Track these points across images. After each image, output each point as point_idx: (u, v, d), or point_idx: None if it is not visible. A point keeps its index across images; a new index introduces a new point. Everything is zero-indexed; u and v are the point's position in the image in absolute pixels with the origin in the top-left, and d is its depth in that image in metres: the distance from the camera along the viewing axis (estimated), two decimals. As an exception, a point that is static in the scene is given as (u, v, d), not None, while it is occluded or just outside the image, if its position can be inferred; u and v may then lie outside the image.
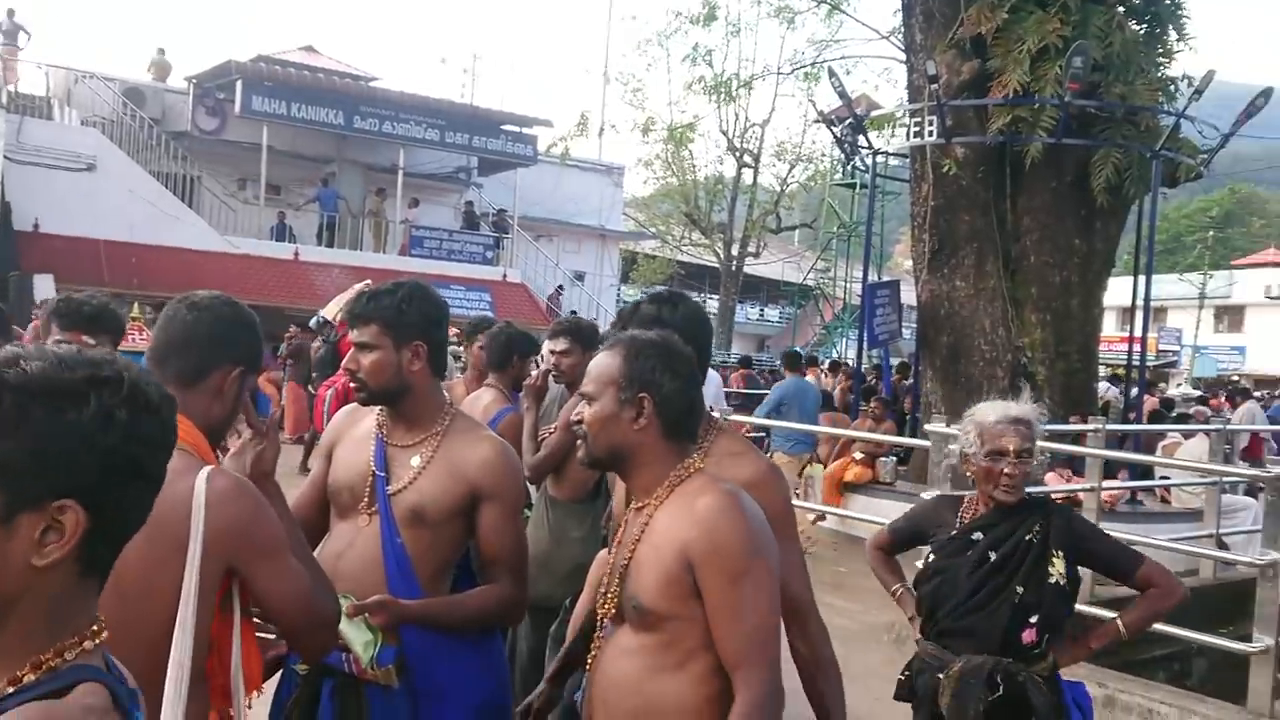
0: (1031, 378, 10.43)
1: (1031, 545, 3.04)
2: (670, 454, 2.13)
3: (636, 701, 2.06)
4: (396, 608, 2.41)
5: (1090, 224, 10.62)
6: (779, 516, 2.32)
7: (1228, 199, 64.99)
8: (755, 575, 1.99)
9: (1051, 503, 3.24)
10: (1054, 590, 3.04)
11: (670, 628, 2.04)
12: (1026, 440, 3.08)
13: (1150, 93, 10.36)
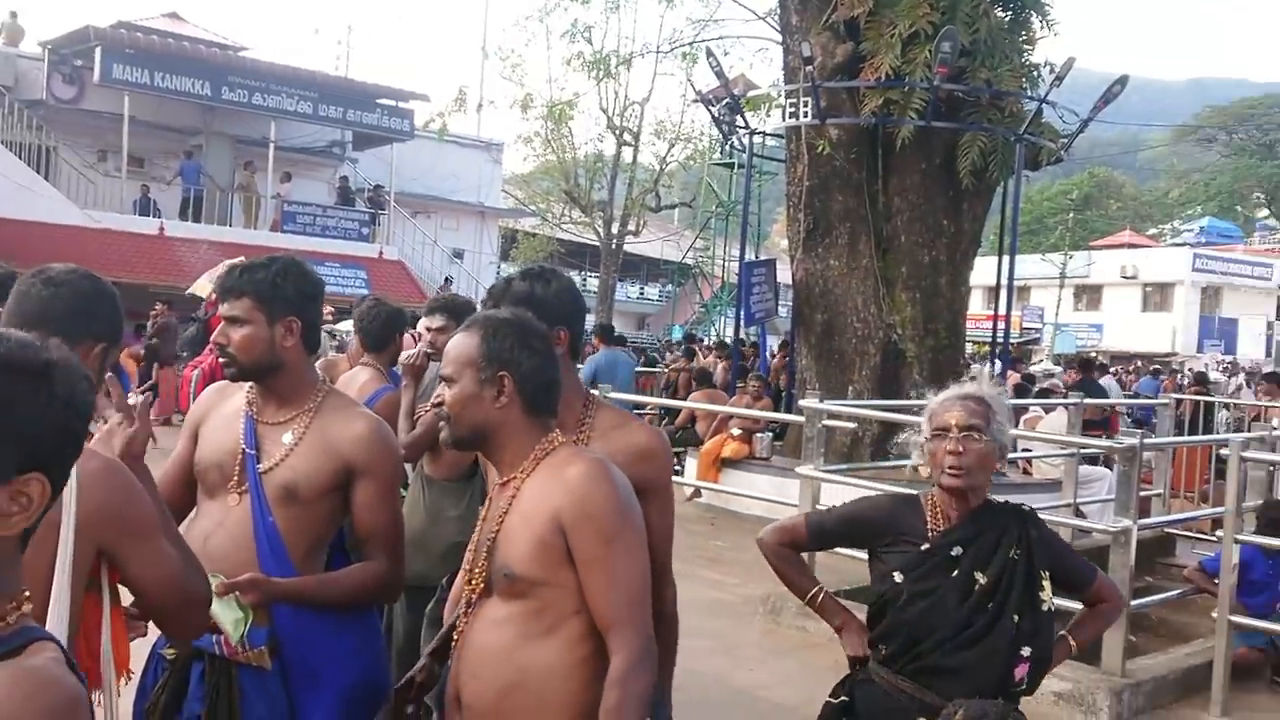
0: (902, 354, 10.75)
1: (1017, 564, 2.62)
2: (533, 429, 2.17)
3: (508, 670, 2.09)
4: (267, 585, 2.38)
5: (958, 205, 10.94)
6: (665, 483, 2.44)
7: (1087, 182, 67.56)
8: (626, 539, 2.06)
9: (1022, 509, 2.75)
10: (1048, 618, 2.64)
11: (541, 595, 2.08)
12: (975, 416, 2.62)
13: (1014, 78, 10.70)
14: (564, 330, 2.47)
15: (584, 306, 2.63)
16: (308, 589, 2.46)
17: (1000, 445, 2.65)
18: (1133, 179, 79.27)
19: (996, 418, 2.64)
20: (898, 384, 10.70)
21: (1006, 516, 2.69)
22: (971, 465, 2.59)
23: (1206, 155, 79.25)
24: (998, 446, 2.63)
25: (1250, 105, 76.47)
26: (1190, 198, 74.87)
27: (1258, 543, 5.78)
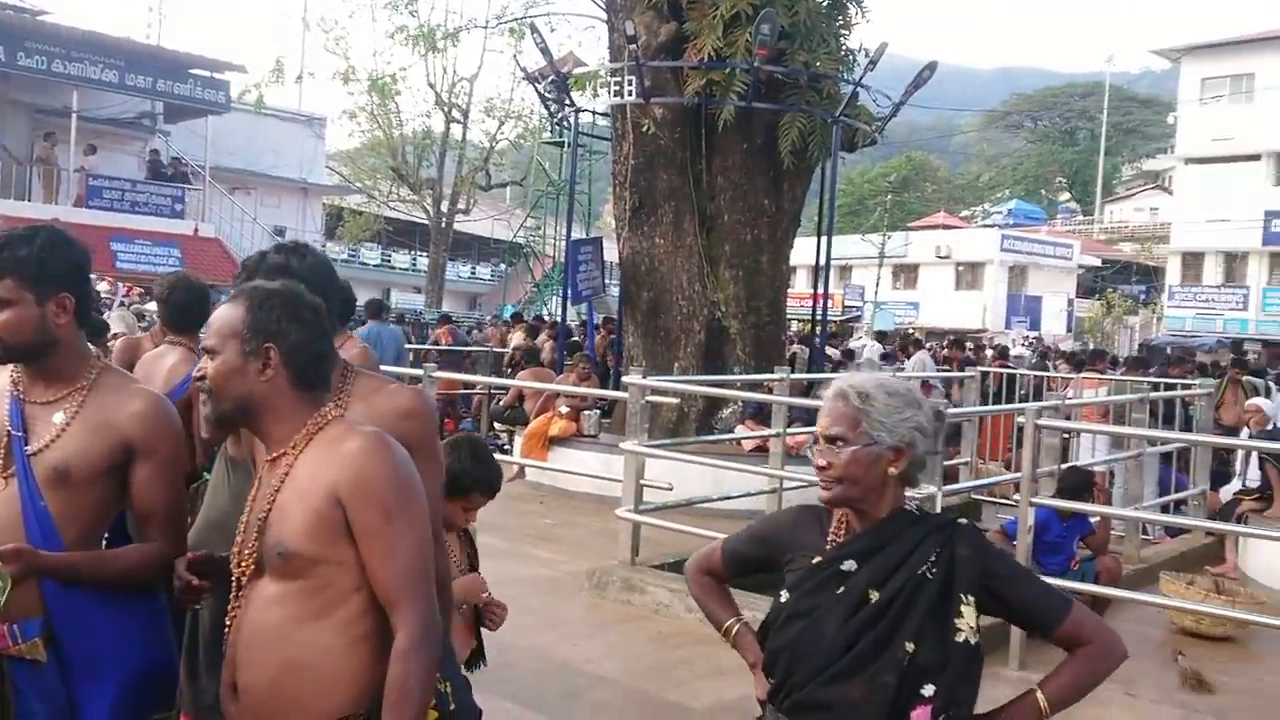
0: (726, 331, 10.95)
1: (926, 583, 2.16)
2: (303, 403, 2.12)
3: (284, 651, 2.03)
4: (33, 556, 2.24)
5: (779, 185, 11.19)
6: (430, 444, 2.43)
7: (905, 165, 70.20)
8: (408, 511, 2.04)
9: (952, 521, 2.28)
10: (962, 652, 2.15)
11: (318, 572, 2.03)
12: (839, 421, 2.22)
13: (832, 62, 10.99)
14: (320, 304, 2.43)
15: (339, 282, 2.59)
16: (78, 564, 2.33)
17: (885, 444, 2.19)
18: (947, 163, 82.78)
19: (872, 414, 2.18)
20: (722, 360, 10.91)
21: (925, 528, 2.21)
22: (840, 475, 2.19)
23: (1014, 141, 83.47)
24: (880, 448, 2.18)
25: (1054, 94, 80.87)
26: (999, 181, 78.72)
27: (1051, 505, 6.13)
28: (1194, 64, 41.38)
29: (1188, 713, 5.37)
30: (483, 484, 3.28)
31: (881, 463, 2.19)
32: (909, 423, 2.21)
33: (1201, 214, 39.40)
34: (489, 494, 3.32)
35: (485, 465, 3.28)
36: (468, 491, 3.24)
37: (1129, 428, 8.45)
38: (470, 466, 3.22)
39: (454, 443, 3.26)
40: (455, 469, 3.14)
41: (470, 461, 3.22)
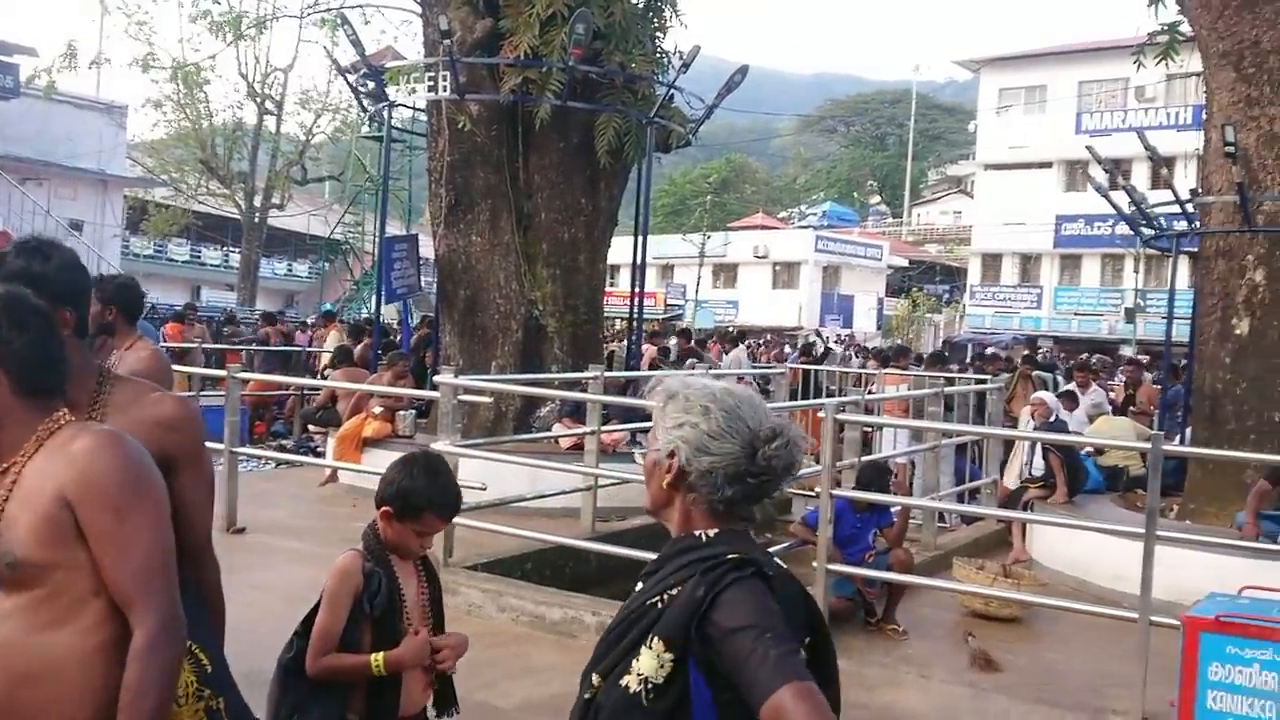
0: (543, 330, 10.95)
1: (645, 615, 1.90)
2: (31, 411, 2.02)
3: (19, 663, 1.94)
4: None
5: (595, 184, 11.25)
6: (195, 453, 2.38)
7: (725, 167, 71.75)
8: (140, 510, 1.98)
9: (721, 559, 1.87)
10: (619, 700, 1.85)
11: (52, 579, 1.95)
12: (654, 425, 2.06)
13: (647, 63, 11.13)
14: (68, 309, 2.32)
15: (88, 282, 2.48)
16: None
17: (661, 451, 1.98)
18: (765, 165, 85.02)
19: (660, 420, 2.01)
20: (540, 358, 10.90)
21: (692, 557, 1.91)
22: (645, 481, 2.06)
23: (829, 145, 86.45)
24: (659, 455, 1.99)
25: (865, 100, 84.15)
26: (815, 184, 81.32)
27: (850, 496, 6.37)
28: (992, 75, 43.75)
29: (976, 691, 5.66)
30: (436, 504, 2.94)
31: (659, 471, 1.97)
32: (678, 431, 1.94)
33: (1000, 217, 41.68)
34: (444, 515, 3.01)
35: (439, 483, 2.96)
36: (419, 512, 2.92)
37: (925, 421, 8.85)
38: (423, 484, 2.91)
39: (408, 459, 3.00)
40: (406, 487, 2.90)
41: (423, 479, 2.92)
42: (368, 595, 2.89)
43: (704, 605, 1.79)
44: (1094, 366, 16.74)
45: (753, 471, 1.90)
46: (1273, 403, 8.18)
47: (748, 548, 1.90)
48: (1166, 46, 10.34)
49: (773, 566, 1.89)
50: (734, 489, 1.90)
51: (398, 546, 2.96)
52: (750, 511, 1.97)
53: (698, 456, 1.90)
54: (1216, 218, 8.78)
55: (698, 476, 1.91)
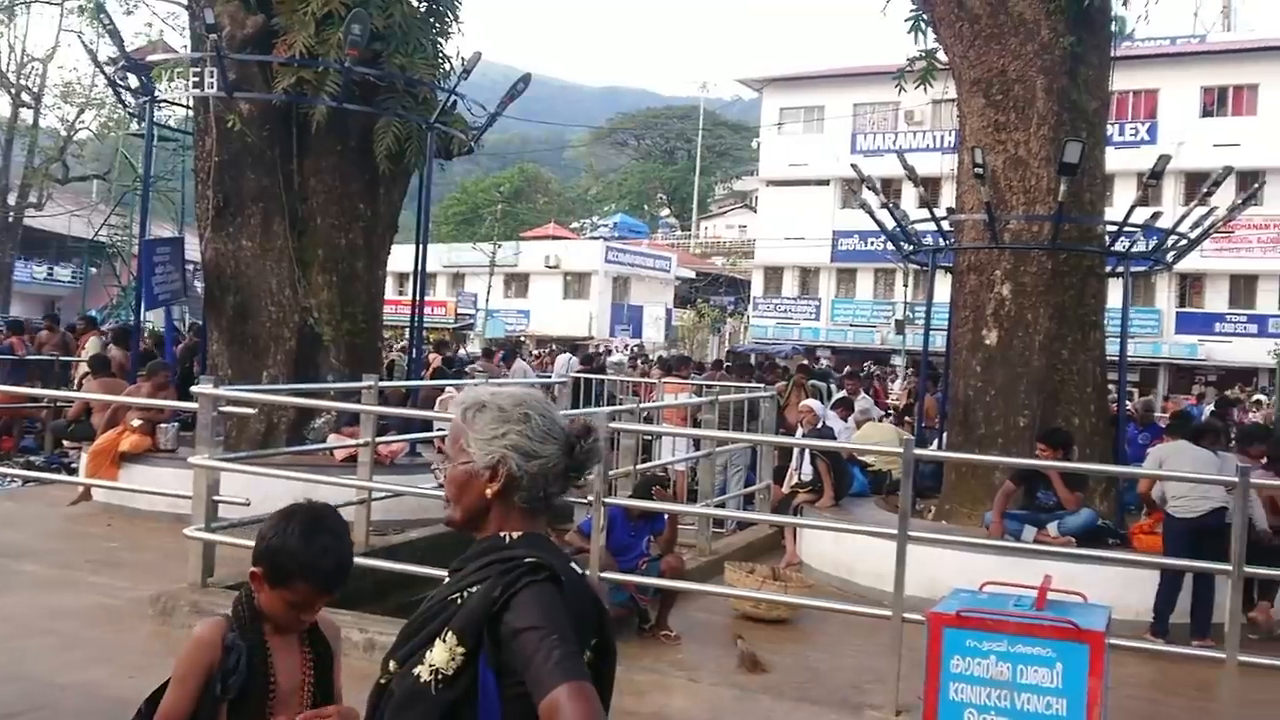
0: (319, 338, 10.58)
1: (445, 609, 1.95)
2: None
3: None
4: None
5: (374, 189, 10.97)
6: None
7: (517, 177, 71.66)
8: None
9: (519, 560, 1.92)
10: (410, 689, 1.90)
11: None
12: (451, 438, 2.07)
13: (428, 68, 10.94)
14: None
15: None
16: None
17: (480, 463, 1.99)
18: (558, 176, 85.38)
19: (472, 431, 2.01)
20: (315, 368, 10.53)
21: (495, 557, 1.95)
22: (448, 495, 2.05)
23: (620, 158, 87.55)
24: (475, 466, 1.99)
25: (655, 115, 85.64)
26: (606, 195, 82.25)
27: (623, 505, 6.41)
28: (774, 95, 45.34)
29: (743, 692, 5.79)
30: (309, 571, 2.37)
31: (478, 483, 1.99)
32: (503, 440, 1.98)
33: (781, 232, 43.20)
34: (321, 586, 2.40)
35: (317, 545, 2.38)
36: (288, 579, 2.38)
37: (701, 429, 9.03)
38: (296, 545, 2.36)
39: (289, 511, 2.44)
40: (276, 546, 2.38)
41: (297, 538, 2.37)
42: (222, 673, 2.39)
43: (498, 605, 1.85)
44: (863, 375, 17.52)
45: (572, 468, 2.03)
46: (1018, 409, 8.74)
47: (546, 552, 1.96)
48: (925, 72, 10.93)
49: (567, 571, 1.94)
50: (556, 486, 2.02)
51: (273, 617, 2.44)
52: (558, 504, 2.09)
53: (528, 461, 1.97)
54: (968, 235, 9.34)
55: (528, 480, 1.98)
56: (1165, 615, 7.14)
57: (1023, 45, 8.87)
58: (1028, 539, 7.65)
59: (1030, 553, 6.79)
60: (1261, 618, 7.48)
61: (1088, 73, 9.06)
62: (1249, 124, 37.08)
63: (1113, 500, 8.76)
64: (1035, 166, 8.82)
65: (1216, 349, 37.93)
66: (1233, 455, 8.02)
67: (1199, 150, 33.52)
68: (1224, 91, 38.43)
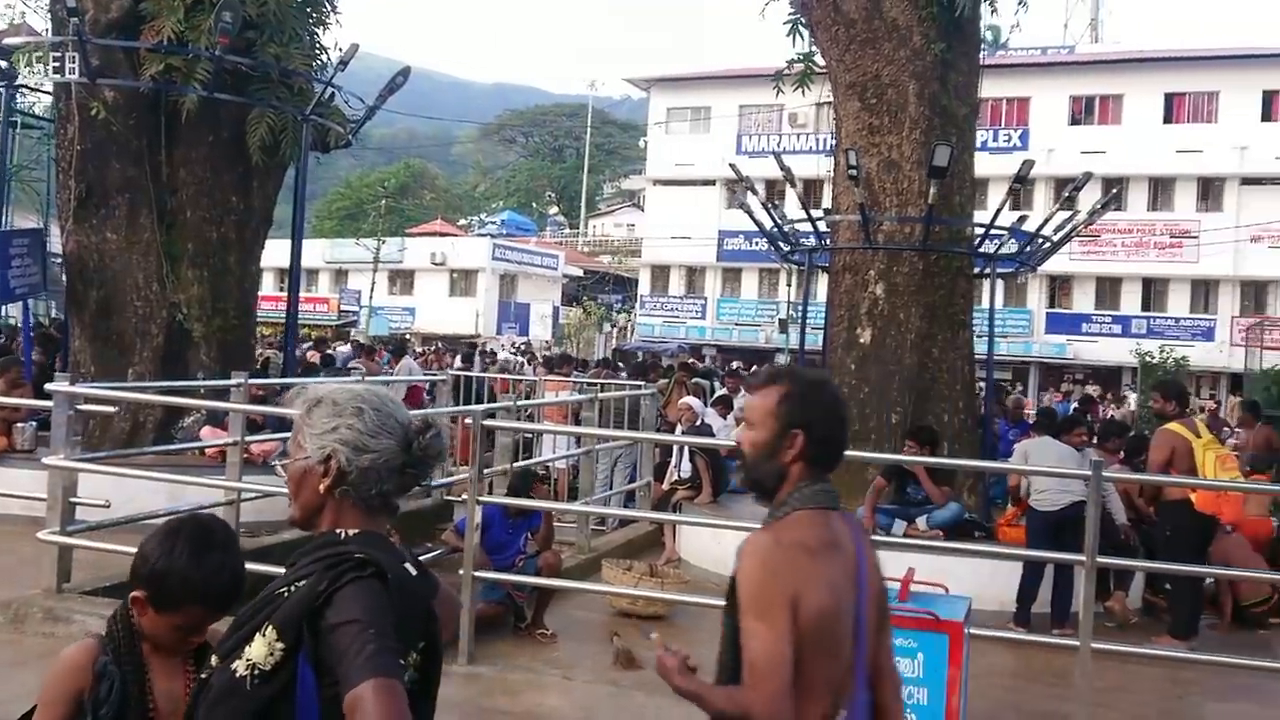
0: (188, 334, 10.27)
1: (269, 605, 1.90)
2: None
3: None
4: None
5: (248, 182, 10.70)
6: None
7: (403, 172, 70.65)
8: None
9: (344, 556, 1.89)
10: (227, 683, 1.86)
11: None
12: (293, 435, 2.07)
13: (304, 58, 10.70)
14: None
15: None
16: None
17: (314, 458, 1.98)
18: (445, 172, 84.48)
19: (307, 427, 1.99)
20: (184, 365, 10.21)
21: (322, 552, 1.93)
22: (290, 492, 2.03)
23: (508, 155, 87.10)
24: (310, 462, 1.98)
25: (543, 112, 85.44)
26: (494, 192, 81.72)
27: (497, 503, 6.37)
28: (661, 95, 45.60)
29: (617, 689, 5.80)
30: (202, 594, 2.19)
31: (312, 478, 1.97)
32: (333, 435, 1.96)
33: (668, 231, 43.46)
34: (214, 607, 2.24)
35: (209, 563, 2.20)
36: (178, 604, 2.18)
37: (582, 427, 9.03)
38: (184, 565, 2.18)
39: (172, 529, 2.25)
40: (163, 568, 2.18)
41: (186, 558, 2.18)
42: (92, 702, 2.19)
43: (319, 599, 1.82)
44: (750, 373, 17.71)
45: (410, 463, 2.00)
46: (890, 406, 8.95)
47: (378, 549, 1.92)
48: (803, 75, 11.12)
49: (397, 570, 1.91)
50: (392, 482, 1.99)
51: (155, 639, 2.25)
52: (397, 504, 2.04)
53: (358, 456, 1.95)
54: (843, 235, 9.53)
55: (358, 475, 1.95)
56: (1027, 605, 7.39)
57: (896, 50, 9.08)
58: (897, 533, 7.84)
59: (900, 546, 6.95)
60: (1117, 606, 7.79)
61: (958, 79, 9.32)
62: (1114, 132, 38.65)
63: (979, 494, 9.03)
64: (907, 169, 9.04)
65: (1084, 348, 39.46)
66: (1093, 450, 8.34)
67: (1068, 157, 34.84)
68: (1091, 101, 40.00)
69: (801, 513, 2.35)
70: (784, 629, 2.19)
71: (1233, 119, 37.63)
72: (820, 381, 2.50)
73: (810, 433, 2.35)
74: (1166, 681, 6.66)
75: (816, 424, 2.36)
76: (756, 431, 2.41)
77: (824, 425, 2.38)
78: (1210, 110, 38.41)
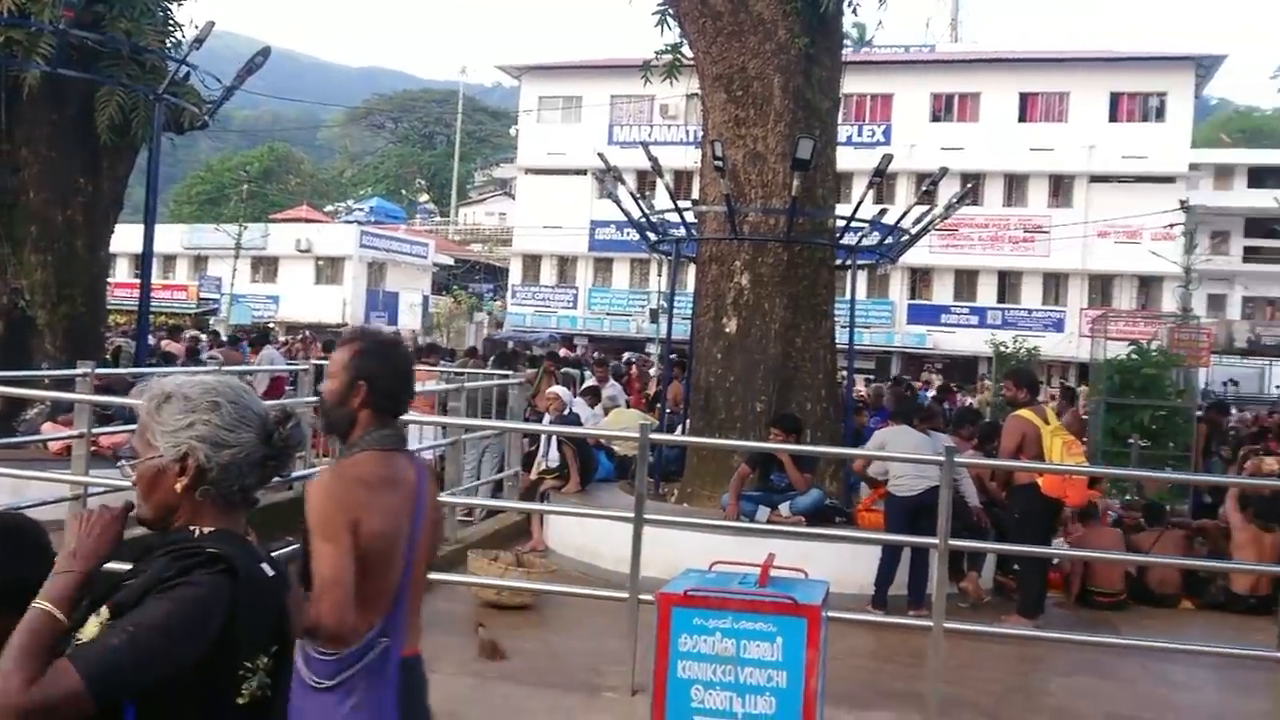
0: (31, 322, 9.82)
1: (111, 591, 1.87)
2: None
3: None
4: None
5: (97, 163, 10.28)
6: None
7: (267, 156, 68.67)
8: None
9: (198, 550, 1.85)
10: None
11: None
12: (139, 432, 1.96)
13: (156, 34, 10.31)
14: None
15: None
16: None
17: (168, 456, 1.90)
18: (311, 157, 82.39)
19: (156, 424, 1.91)
20: (28, 355, 9.75)
21: (172, 548, 1.87)
22: (139, 492, 1.94)
23: (377, 140, 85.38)
24: (164, 461, 1.90)
25: (413, 98, 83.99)
26: (362, 179, 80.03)
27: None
28: (533, 83, 45.35)
29: (481, 680, 5.77)
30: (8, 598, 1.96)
31: (167, 479, 1.90)
32: (189, 431, 1.89)
33: (540, 220, 43.30)
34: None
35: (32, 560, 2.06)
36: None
37: (448, 417, 8.92)
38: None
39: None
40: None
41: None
42: None
43: (158, 586, 1.77)
44: (627, 363, 17.77)
45: (270, 455, 1.97)
46: (755, 394, 9.08)
47: (233, 546, 1.87)
48: (671, 66, 11.17)
49: (249, 570, 1.86)
50: (253, 476, 1.95)
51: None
52: (256, 498, 2.01)
53: (218, 452, 1.89)
54: (710, 226, 9.62)
55: (219, 472, 1.90)
56: (884, 587, 7.60)
57: (761, 44, 9.20)
58: (761, 519, 7.97)
59: (764, 532, 7.07)
60: (970, 587, 8.07)
61: (821, 74, 9.49)
62: (972, 129, 40.01)
63: (841, 480, 9.24)
64: (772, 161, 9.17)
65: (943, 339, 40.80)
66: (947, 437, 8.61)
67: (928, 153, 35.90)
68: (950, 98, 41.30)
69: (368, 453, 2.68)
70: (346, 548, 2.51)
71: (1082, 119, 39.38)
72: (389, 343, 2.88)
73: (373, 384, 2.70)
74: (1015, 659, 6.94)
75: (379, 377, 2.71)
76: (331, 382, 2.77)
77: (386, 379, 2.73)
78: (1061, 110, 40.10)
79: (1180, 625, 8.31)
